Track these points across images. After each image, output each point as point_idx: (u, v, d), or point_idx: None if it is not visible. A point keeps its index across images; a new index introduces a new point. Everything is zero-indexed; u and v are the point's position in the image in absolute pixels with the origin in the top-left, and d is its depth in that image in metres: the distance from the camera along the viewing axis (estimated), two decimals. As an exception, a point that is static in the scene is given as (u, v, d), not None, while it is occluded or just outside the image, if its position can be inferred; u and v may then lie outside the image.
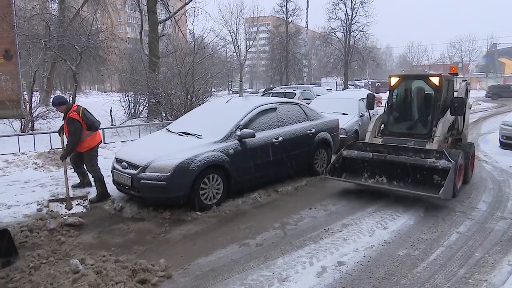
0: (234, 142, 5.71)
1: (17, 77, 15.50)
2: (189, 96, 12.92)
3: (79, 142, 5.64)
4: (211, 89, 15.32)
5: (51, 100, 6.39)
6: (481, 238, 4.44)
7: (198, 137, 5.79)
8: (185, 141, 5.76)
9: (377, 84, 43.50)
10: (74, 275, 3.09)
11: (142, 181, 5.10)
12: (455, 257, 3.97)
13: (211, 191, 5.41)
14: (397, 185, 5.71)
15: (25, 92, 16.17)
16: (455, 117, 6.46)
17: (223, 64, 24.46)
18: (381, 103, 17.91)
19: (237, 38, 49.13)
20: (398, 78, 6.48)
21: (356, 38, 41.43)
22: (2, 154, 8.02)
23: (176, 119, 9.82)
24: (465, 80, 7.08)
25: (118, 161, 5.65)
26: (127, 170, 5.34)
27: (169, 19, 18.66)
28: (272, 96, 16.61)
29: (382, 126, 6.71)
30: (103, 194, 5.76)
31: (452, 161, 5.23)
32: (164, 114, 13.46)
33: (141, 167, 5.18)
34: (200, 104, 12.20)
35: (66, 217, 4.87)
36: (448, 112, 6.13)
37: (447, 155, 5.30)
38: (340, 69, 43.70)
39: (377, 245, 4.23)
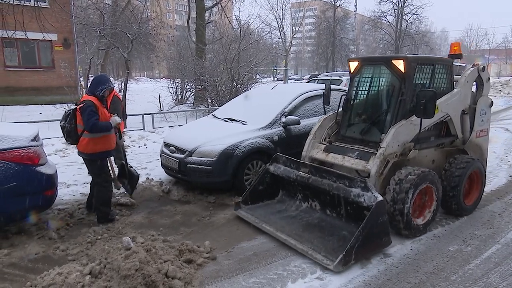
0: (278, 129, 5.70)
1: (75, 64, 16.54)
2: (234, 83, 13.04)
3: None
4: (256, 76, 15.35)
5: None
6: (543, 237, 4.12)
7: (243, 123, 5.84)
8: (230, 127, 5.84)
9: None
10: (126, 252, 3.27)
11: (189, 165, 5.26)
12: (512, 256, 3.73)
13: (255, 177, 5.46)
14: (330, 215, 4.30)
15: (81, 79, 17.15)
16: (447, 119, 4.61)
17: (268, 50, 24.32)
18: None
19: (283, 24, 48.62)
20: (357, 63, 4.91)
21: (408, 21, 39.37)
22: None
23: (221, 105, 9.96)
24: (476, 64, 5.08)
25: (167, 145, 5.86)
26: (174, 154, 5.53)
27: (216, 6, 18.81)
28: (317, 83, 16.30)
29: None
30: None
31: (378, 198, 3.55)
32: (210, 100, 13.71)
33: (188, 152, 5.34)
34: (245, 91, 12.28)
35: (119, 197, 5.16)
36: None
37: (370, 187, 3.65)
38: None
39: (426, 238, 4.07)
